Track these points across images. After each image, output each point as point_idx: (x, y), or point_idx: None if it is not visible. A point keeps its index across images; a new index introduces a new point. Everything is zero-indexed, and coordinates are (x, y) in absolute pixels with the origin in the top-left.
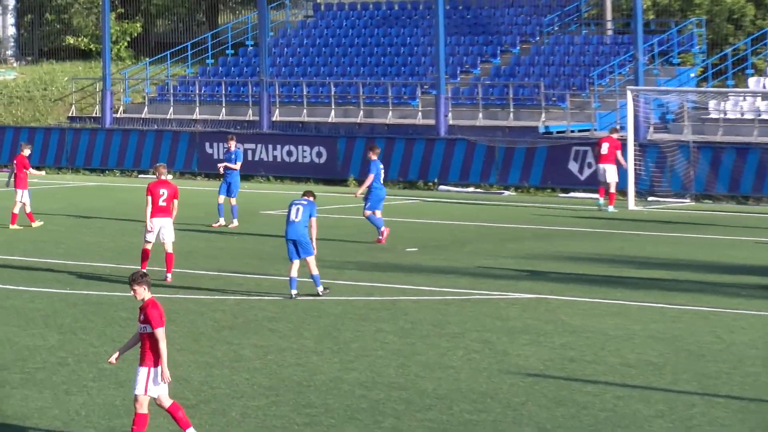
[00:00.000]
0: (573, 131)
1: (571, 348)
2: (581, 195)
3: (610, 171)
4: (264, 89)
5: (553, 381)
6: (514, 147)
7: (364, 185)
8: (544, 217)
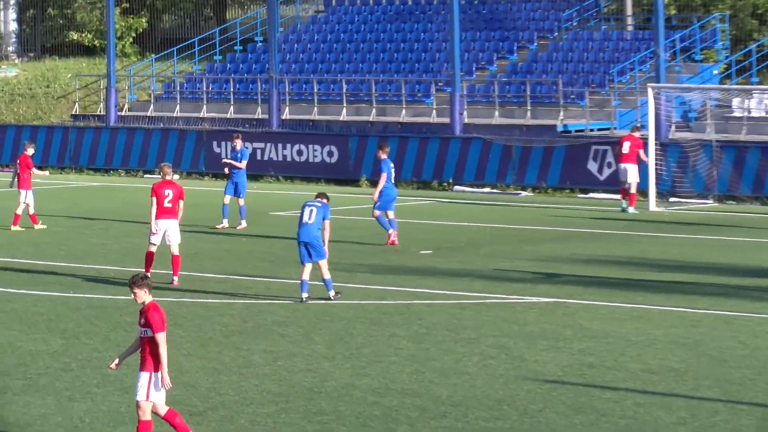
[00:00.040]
0: (592, 130)
1: (591, 353)
2: (601, 196)
3: (631, 171)
4: (273, 86)
5: (572, 387)
6: (531, 146)
7: (378, 187)
8: (562, 219)
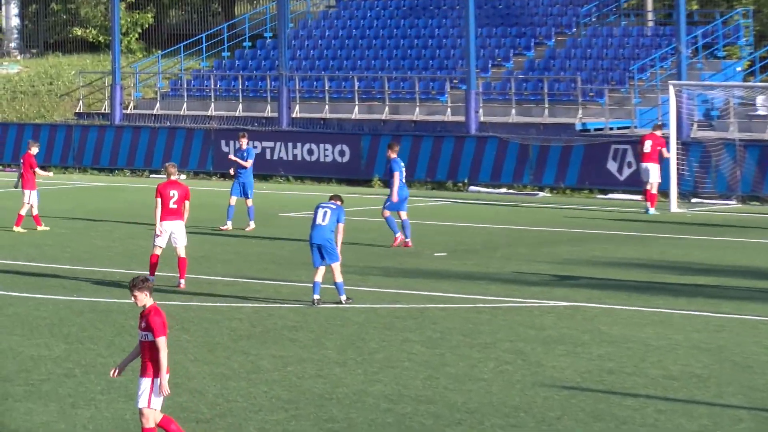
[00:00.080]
0: (612, 128)
1: (610, 359)
2: (620, 196)
3: (653, 170)
4: (283, 84)
5: (591, 394)
6: (549, 145)
7: (395, 187)
8: (580, 220)
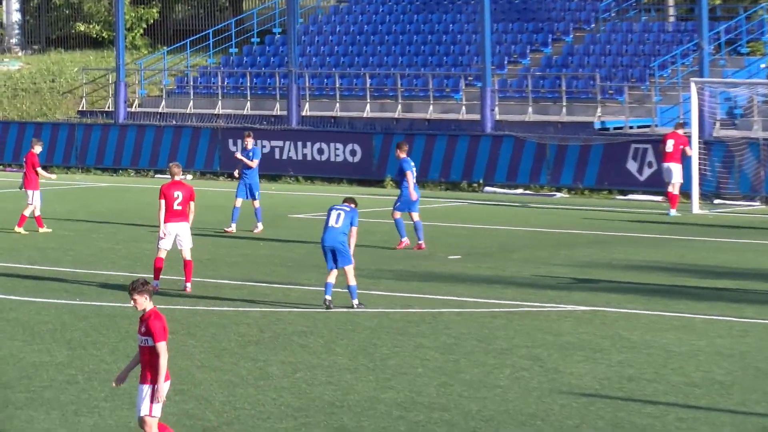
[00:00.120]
0: (632, 127)
1: (630, 365)
2: (641, 197)
3: (675, 171)
4: (293, 81)
5: (610, 402)
6: (567, 144)
7: (410, 184)
8: (599, 222)
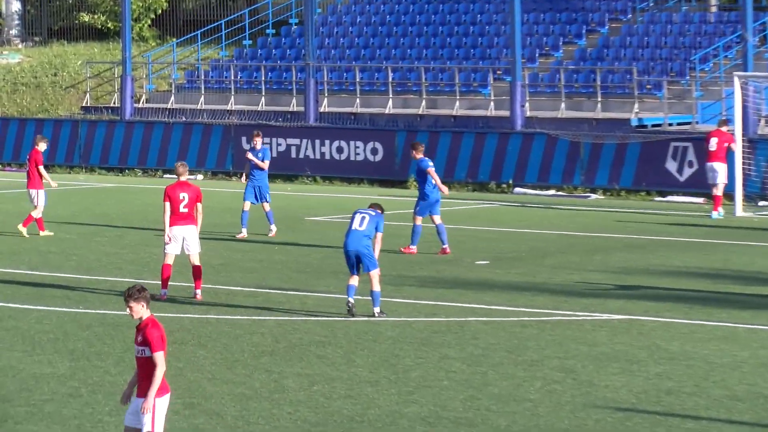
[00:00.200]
0: (671, 124)
1: (669, 378)
2: (680, 199)
3: (720, 170)
4: (310, 75)
5: (648, 416)
6: (602, 143)
7: (439, 181)
8: (636, 225)
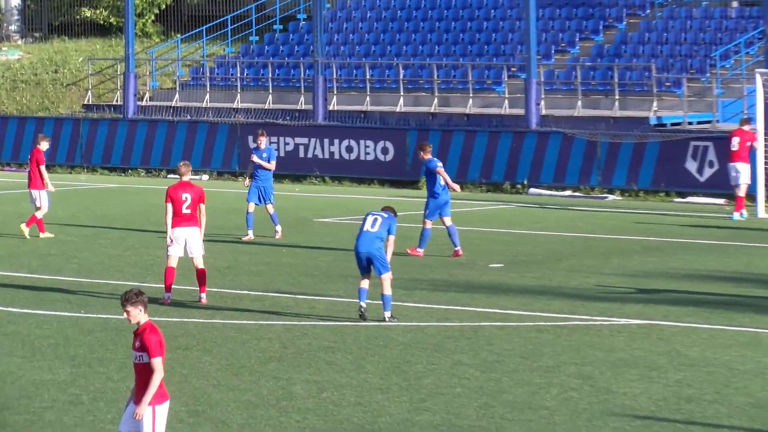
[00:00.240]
0: (691, 123)
1: (689, 385)
2: (701, 200)
3: (742, 171)
4: (318, 72)
5: (668, 425)
6: (619, 142)
7: (449, 180)
8: (655, 227)
